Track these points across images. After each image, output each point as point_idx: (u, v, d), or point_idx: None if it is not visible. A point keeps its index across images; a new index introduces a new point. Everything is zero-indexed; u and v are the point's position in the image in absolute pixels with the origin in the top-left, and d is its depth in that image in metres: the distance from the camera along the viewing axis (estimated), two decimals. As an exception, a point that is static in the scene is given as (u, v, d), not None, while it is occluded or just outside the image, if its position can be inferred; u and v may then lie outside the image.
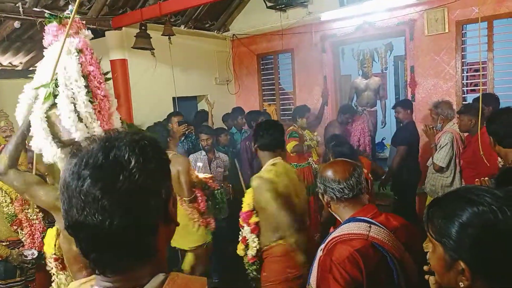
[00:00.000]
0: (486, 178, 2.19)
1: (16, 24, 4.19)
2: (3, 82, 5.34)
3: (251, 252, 2.53)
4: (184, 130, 4.62)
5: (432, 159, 4.00)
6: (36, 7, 4.18)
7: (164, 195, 0.73)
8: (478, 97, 2.44)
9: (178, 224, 0.81)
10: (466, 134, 3.90)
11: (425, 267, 0.97)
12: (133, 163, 0.67)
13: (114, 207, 0.65)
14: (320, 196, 1.82)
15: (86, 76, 1.81)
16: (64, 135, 1.80)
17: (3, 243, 2.79)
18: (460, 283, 0.85)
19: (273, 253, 2.49)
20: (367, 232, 1.52)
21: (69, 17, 1.69)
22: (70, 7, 1.60)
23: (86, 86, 1.79)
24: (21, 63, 5.43)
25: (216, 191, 3.64)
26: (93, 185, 0.66)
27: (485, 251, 0.82)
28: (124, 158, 0.67)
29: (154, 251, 0.74)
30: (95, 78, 1.85)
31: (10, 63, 5.36)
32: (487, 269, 0.82)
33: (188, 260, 3.60)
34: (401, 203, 4.55)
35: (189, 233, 3.45)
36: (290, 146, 4.55)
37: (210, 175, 3.77)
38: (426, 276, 0.95)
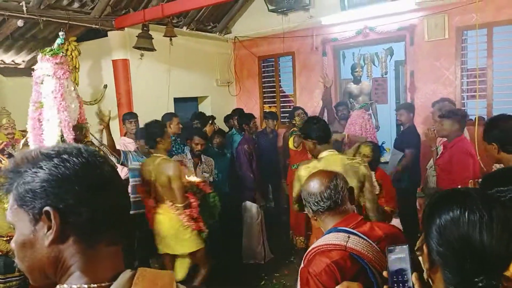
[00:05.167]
0: (476, 180, 2.16)
1: (20, 22, 4.21)
2: (5, 80, 5.38)
3: None
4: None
5: (433, 161, 4.00)
6: (39, 7, 4.22)
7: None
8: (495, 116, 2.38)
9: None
10: (442, 140, 3.87)
11: None
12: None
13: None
14: (306, 210, 1.79)
15: None
16: None
17: (4, 238, 2.82)
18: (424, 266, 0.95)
19: None
20: (345, 243, 1.49)
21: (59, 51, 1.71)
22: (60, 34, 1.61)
23: None
24: (23, 61, 5.47)
25: (208, 195, 3.52)
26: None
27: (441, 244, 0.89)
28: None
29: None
30: None
31: (13, 61, 5.40)
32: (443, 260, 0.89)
33: (183, 267, 3.49)
34: (405, 209, 4.31)
35: (182, 239, 3.36)
36: (291, 141, 4.74)
37: (200, 179, 3.65)
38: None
